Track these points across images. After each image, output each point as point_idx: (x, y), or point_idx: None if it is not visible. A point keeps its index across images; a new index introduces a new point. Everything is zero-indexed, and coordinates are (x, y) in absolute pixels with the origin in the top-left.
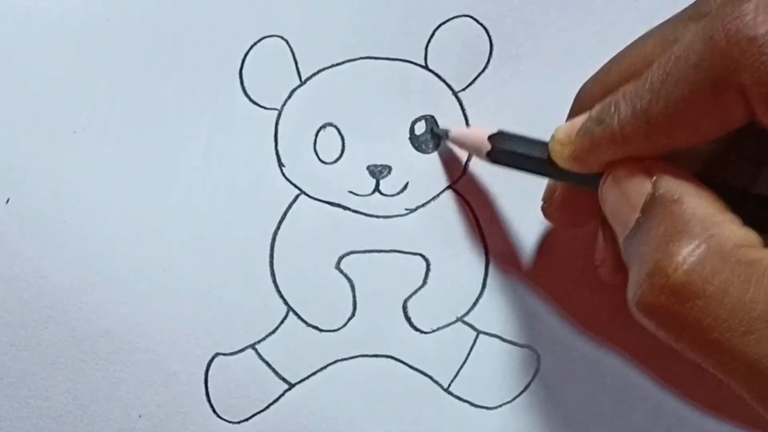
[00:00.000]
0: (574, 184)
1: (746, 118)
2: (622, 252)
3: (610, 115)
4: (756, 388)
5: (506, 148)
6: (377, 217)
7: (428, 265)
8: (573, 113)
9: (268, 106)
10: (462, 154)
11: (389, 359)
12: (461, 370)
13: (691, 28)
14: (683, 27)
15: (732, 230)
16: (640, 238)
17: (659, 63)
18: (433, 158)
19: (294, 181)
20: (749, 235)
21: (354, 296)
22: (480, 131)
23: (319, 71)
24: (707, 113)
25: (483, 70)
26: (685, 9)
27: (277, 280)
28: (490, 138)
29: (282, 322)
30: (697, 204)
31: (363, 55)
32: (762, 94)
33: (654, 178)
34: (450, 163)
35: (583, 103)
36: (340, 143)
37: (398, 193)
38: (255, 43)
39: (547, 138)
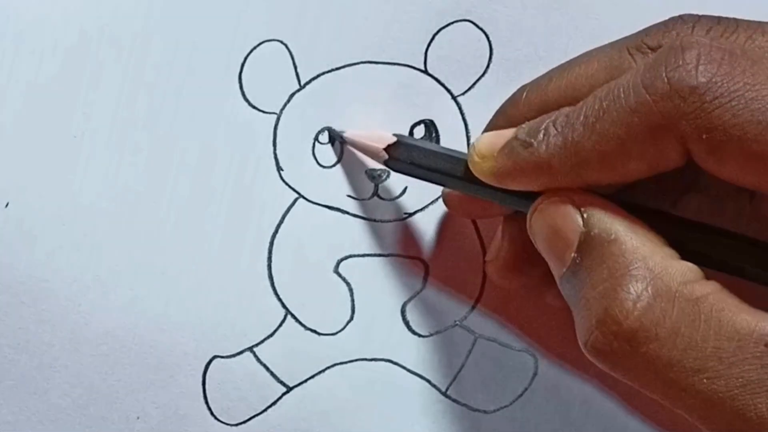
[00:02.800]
0: (483, 198)
1: (680, 162)
2: (560, 288)
3: (539, 142)
4: (714, 424)
5: (405, 159)
6: (376, 221)
7: (426, 269)
8: (503, 114)
9: (267, 110)
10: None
11: (387, 363)
12: (459, 374)
13: (636, 62)
14: (629, 57)
15: (674, 267)
16: (581, 279)
17: (596, 96)
18: None
19: (292, 185)
20: (690, 269)
21: (352, 300)
22: (379, 138)
23: (318, 75)
24: (641, 155)
25: (482, 75)
26: (636, 35)
27: (275, 284)
28: (387, 148)
29: (280, 325)
30: (635, 243)
31: (362, 60)
32: (702, 142)
33: (585, 214)
34: None
35: (516, 105)
36: (338, 147)
37: (397, 198)
38: (254, 47)
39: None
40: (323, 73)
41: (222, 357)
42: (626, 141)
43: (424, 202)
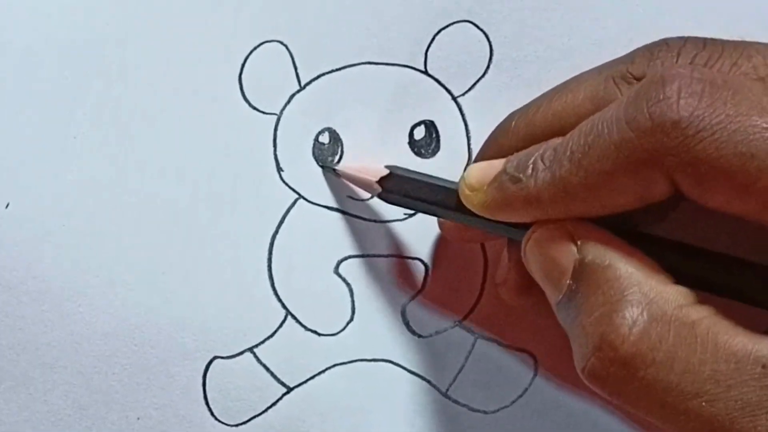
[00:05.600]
0: (476, 228)
1: (668, 194)
2: (557, 314)
3: (527, 177)
4: None
5: (397, 191)
6: (376, 221)
7: (426, 269)
8: (492, 143)
9: (267, 111)
10: (462, 160)
11: (387, 363)
12: (459, 375)
13: (621, 92)
14: (615, 86)
15: (669, 291)
16: (577, 306)
17: (581, 131)
18: (432, 163)
19: (292, 186)
20: (684, 293)
21: (352, 300)
22: (371, 171)
23: (318, 76)
24: (628, 189)
25: (483, 75)
26: (622, 62)
27: (276, 284)
28: (380, 181)
29: (280, 326)
30: (629, 268)
31: (362, 61)
32: (688, 175)
33: (579, 242)
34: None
35: (505, 134)
36: (339, 148)
37: None
38: (254, 48)
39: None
40: (323, 74)
41: (222, 357)
42: (612, 176)
43: None
